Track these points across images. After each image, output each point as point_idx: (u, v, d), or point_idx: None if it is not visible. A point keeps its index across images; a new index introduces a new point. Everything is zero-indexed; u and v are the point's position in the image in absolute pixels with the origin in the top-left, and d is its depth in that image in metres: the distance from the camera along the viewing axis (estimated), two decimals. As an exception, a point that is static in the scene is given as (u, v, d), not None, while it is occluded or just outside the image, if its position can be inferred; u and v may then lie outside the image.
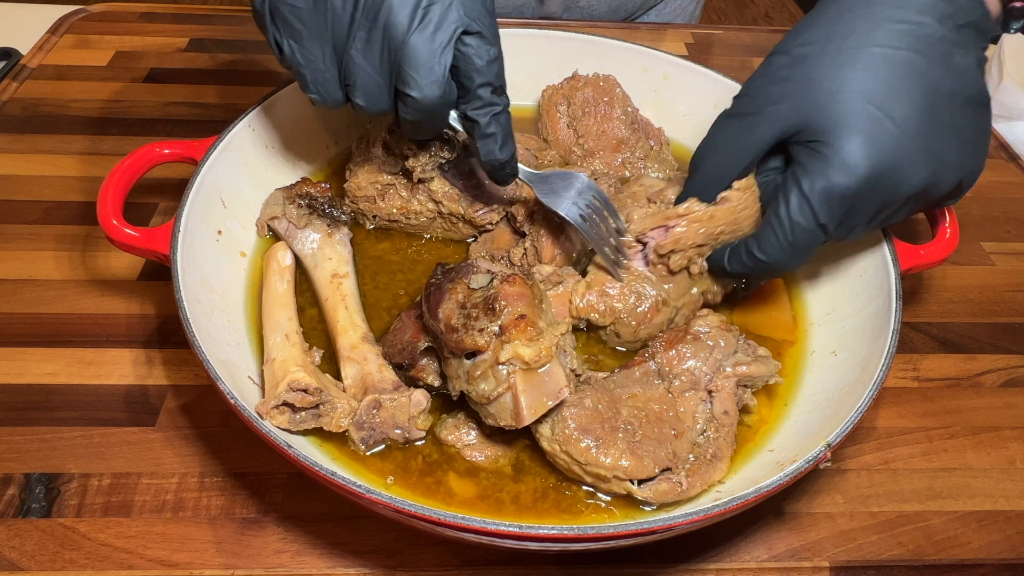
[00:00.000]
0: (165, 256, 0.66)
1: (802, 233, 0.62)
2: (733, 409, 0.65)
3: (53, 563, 0.60)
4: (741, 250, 0.66)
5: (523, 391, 0.58)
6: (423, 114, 0.64)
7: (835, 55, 0.61)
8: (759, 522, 0.66)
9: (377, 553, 0.62)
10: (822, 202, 0.60)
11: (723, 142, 0.65)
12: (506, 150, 0.68)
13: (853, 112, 0.59)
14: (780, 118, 0.62)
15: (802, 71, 0.61)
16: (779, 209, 0.62)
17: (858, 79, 0.60)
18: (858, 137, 0.59)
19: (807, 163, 0.61)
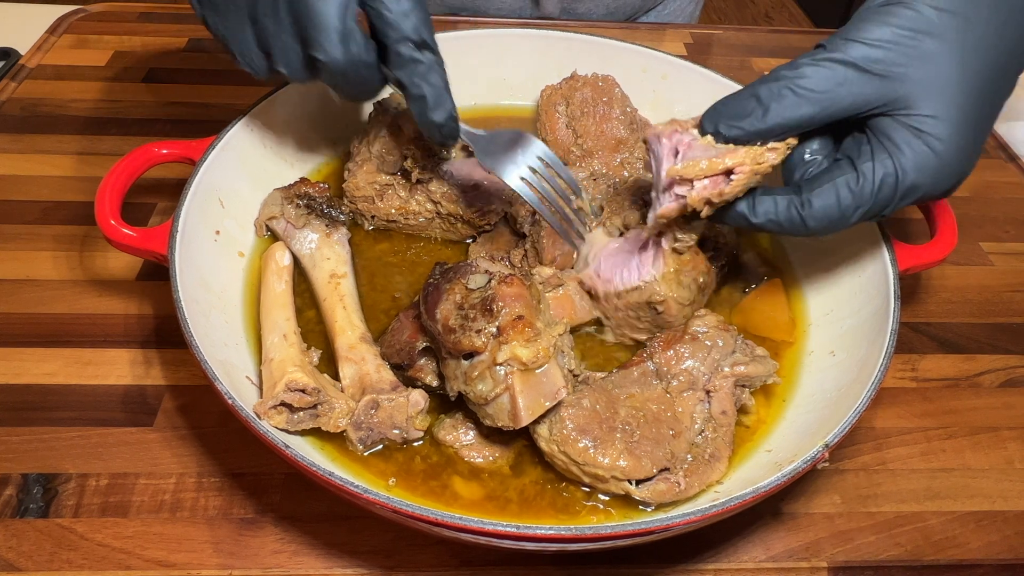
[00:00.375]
0: (163, 256, 0.66)
1: (865, 211, 0.58)
2: (731, 409, 0.65)
3: (50, 563, 0.60)
4: (781, 203, 0.59)
5: (520, 392, 0.58)
6: (339, 78, 0.62)
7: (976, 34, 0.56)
8: (757, 522, 0.66)
9: (375, 553, 0.62)
10: (906, 188, 0.56)
11: (818, 86, 0.56)
12: (439, 112, 0.63)
13: (966, 110, 0.56)
14: (895, 89, 0.55)
15: (937, 47, 0.55)
16: (855, 178, 0.57)
17: (982, 70, 0.56)
18: (963, 138, 0.56)
19: (902, 141, 0.56)
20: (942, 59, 0.54)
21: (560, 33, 0.98)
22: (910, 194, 0.57)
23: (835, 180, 0.58)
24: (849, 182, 0.57)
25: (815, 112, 0.56)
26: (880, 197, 0.57)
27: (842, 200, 0.57)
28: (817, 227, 0.59)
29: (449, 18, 1.22)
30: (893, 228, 0.73)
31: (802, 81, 0.56)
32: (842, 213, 0.58)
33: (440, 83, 0.63)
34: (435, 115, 0.63)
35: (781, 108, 0.56)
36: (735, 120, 0.58)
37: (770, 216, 0.60)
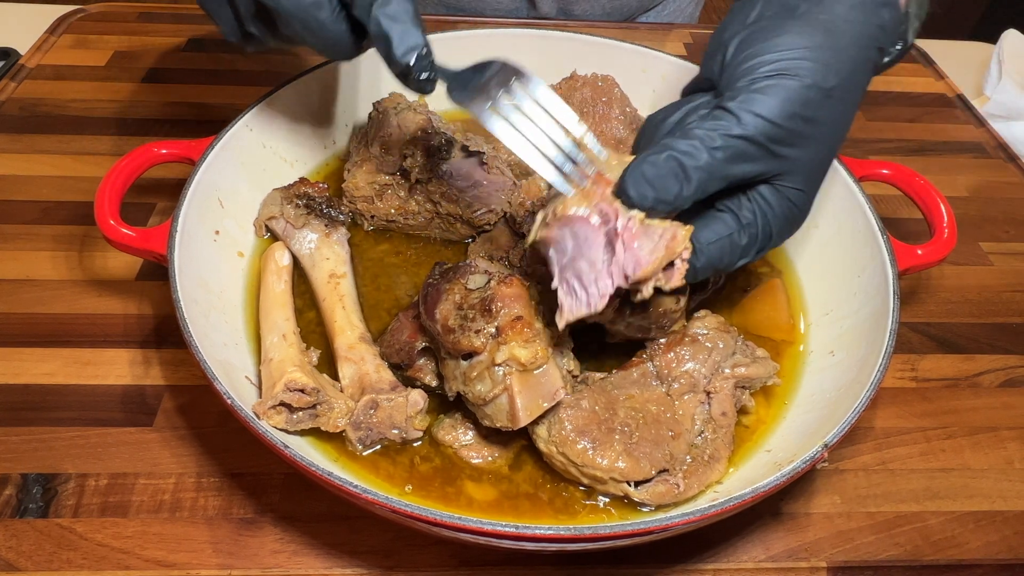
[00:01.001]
0: (162, 256, 0.66)
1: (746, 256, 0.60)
2: (731, 410, 0.65)
3: (50, 563, 0.60)
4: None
5: (519, 392, 0.58)
6: (295, 24, 0.59)
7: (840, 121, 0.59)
8: (756, 522, 0.66)
9: (374, 553, 0.62)
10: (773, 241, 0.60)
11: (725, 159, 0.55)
12: (405, 50, 0.56)
13: (819, 178, 0.60)
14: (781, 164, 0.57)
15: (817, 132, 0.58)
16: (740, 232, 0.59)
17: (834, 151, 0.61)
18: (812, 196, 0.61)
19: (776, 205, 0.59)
20: (818, 141, 0.57)
21: (560, 33, 0.98)
22: (772, 244, 0.60)
23: (727, 234, 0.58)
24: (735, 236, 0.58)
25: (722, 184, 0.56)
26: (755, 246, 0.59)
27: (732, 248, 0.58)
28: (703, 274, 0.58)
29: (449, 18, 1.22)
30: (893, 228, 0.73)
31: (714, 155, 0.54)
32: (728, 262, 0.59)
33: (405, 18, 0.56)
34: (400, 54, 0.56)
35: (702, 178, 0.54)
36: (664, 192, 0.54)
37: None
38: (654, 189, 0.53)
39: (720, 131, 0.54)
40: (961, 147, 1.08)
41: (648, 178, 0.54)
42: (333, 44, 0.61)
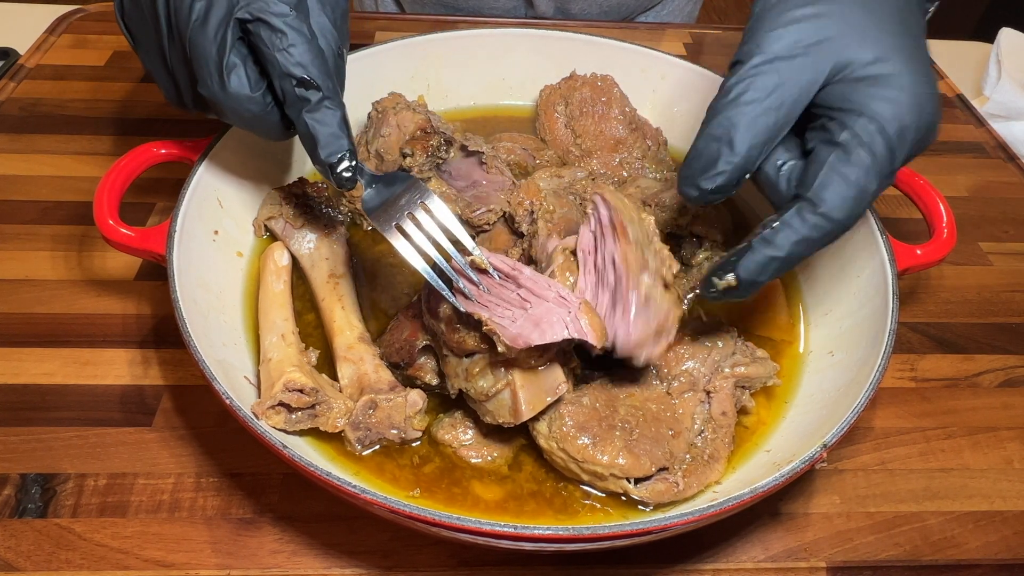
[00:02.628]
0: (161, 256, 0.66)
1: (876, 174, 0.53)
2: (731, 410, 0.65)
3: (49, 563, 0.60)
4: (796, 219, 0.54)
5: (522, 387, 0.58)
6: (229, 114, 0.62)
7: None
8: (755, 522, 0.66)
9: (373, 553, 0.62)
10: (897, 135, 0.53)
11: (761, 93, 0.54)
12: (328, 153, 0.59)
13: (900, 44, 0.54)
14: (827, 55, 0.54)
15: (834, 7, 0.55)
16: (843, 154, 0.53)
17: (889, 10, 0.56)
18: (915, 67, 0.54)
19: (863, 98, 0.53)
20: (846, 12, 0.54)
21: (559, 33, 0.98)
22: (903, 139, 0.53)
23: (826, 164, 0.53)
24: (840, 159, 0.53)
25: (776, 117, 0.54)
26: (878, 156, 0.53)
27: (849, 178, 0.53)
28: (842, 216, 0.53)
29: (448, 18, 1.22)
30: (892, 228, 0.72)
31: (744, 97, 0.54)
32: (858, 190, 0.53)
33: (331, 123, 0.59)
34: (324, 156, 0.59)
35: (744, 131, 0.54)
36: (708, 170, 0.56)
37: (793, 239, 0.54)
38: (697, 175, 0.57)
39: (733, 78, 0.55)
40: (960, 147, 1.08)
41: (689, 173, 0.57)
42: (264, 131, 0.64)
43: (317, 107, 0.59)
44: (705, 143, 0.56)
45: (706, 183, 0.56)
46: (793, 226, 0.54)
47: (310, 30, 0.59)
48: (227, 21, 0.58)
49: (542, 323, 0.56)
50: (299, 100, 0.59)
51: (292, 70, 0.58)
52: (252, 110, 0.61)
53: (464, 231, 0.61)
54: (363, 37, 1.19)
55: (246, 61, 0.60)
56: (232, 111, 0.61)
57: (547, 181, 0.82)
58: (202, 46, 0.59)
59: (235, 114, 0.62)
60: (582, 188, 0.81)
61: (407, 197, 0.62)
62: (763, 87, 0.54)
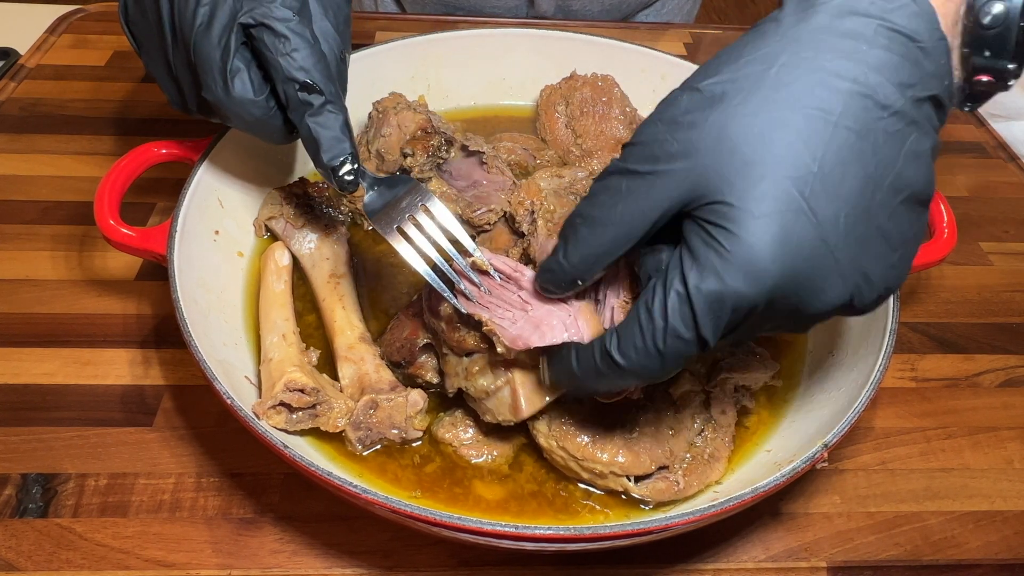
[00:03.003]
0: (162, 256, 0.66)
1: (673, 342, 0.45)
2: (731, 410, 0.65)
3: (50, 563, 0.60)
4: (592, 350, 0.49)
5: (521, 385, 0.58)
6: (233, 118, 0.62)
7: (761, 105, 0.43)
8: (756, 522, 0.66)
9: (373, 553, 0.62)
10: (707, 310, 0.43)
11: (608, 207, 0.47)
12: (331, 156, 0.59)
13: (772, 195, 0.42)
14: (681, 179, 0.44)
15: (716, 117, 0.44)
16: (652, 304, 0.45)
17: (786, 149, 0.42)
18: (771, 232, 0.42)
19: (699, 251, 0.43)
20: (716, 132, 0.44)
21: (559, 33, 0.98)
22: (713, 308, 0.43)
23: (637, 302, 0.47)
24: (646, 300, 0.46)
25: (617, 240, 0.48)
26: (676, 317, 0.44)
27: (643, 325, 0.46)
28: (627, 364, 0.47)
29: (448, 18, 1.22)
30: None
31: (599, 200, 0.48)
32: (647, 343, 0.45)
33: (334, 126, 0.59)
34: (327, 159, 0.59)
35: (578, 246, 0.49)
36: (545, 267, 0.53)
37: (588, 364, 0.50)
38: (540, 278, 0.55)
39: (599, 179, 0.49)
40: (961, 147, 1.08)
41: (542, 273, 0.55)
42: (268, 135, 0.64)
43: (320, 111, 0.59)
44: (561, 235, 0.51)
45: (539, 277, 0.55)
46: (594, 351, 0.49)
47: (313, 35, 0.60)
48: (231, 26, 0.59)
49: (542, 325, 0.56)
50: (302, 104, 0.59)
51: (295, 75, 0.58)
52: (255, 114, 0.61)
53: (464, 232, 0.61)
54: (363, 37, 1.19)
55: (250, 66, 0.60)
56: (236, 115, 0.62)
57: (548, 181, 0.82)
58: (206, 51, 0.59)
59: (238, 118, 0.62)
60: (583, 188, 0.81)
61: (408, 199, 0.63)
62: (607, 204, 0.48)
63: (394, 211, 0.62)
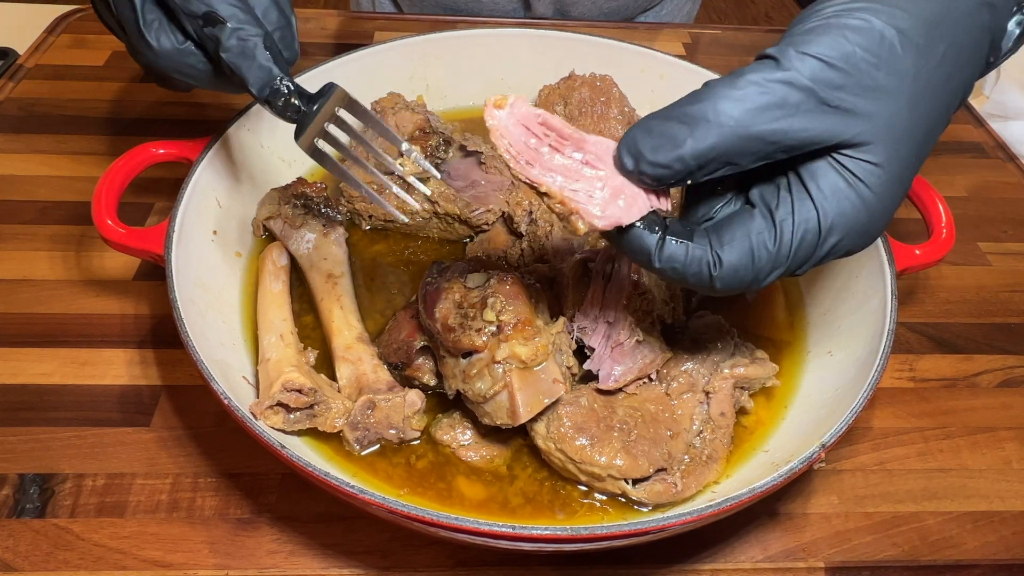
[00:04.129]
0: (160, 256, 0.66)
1: (777, 274, 0.48)
2: (730, 411, 0.65)
3: (47, 564, 0.60)
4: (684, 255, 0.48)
5: (519, 389, 0.58)
6: (178, 77, 0.59)
7: (928, 74, 0.45)
8: (754, 522, 0.66)
9: (371, 554, 0.62)
10: (828, 248, 0.46)
11: (772, 112, 0.44)
12: (259, 88, 0.55)
13: (905, 169, 0.46)
14: (852, 127, 0.44)
15: (893, 81, 0.44)
16: (770, 240, 0.46)
17: (928, 115, 0.46)
18: (893, 193, 0.46)
19: (832, 191, 0.45)
20: (896, 97, 0.45)
21: (558, 33, 0.98)
22: (833, 253, 0.47)
23: (750, 235, 0.47)
24: (766, 239, 0.46)
25: (760, 145, 0.44)
26: (797, 256, 0.47)
27: (757, 259, 0.47)
28: (723, 287, 0.48)
29: (447, 18, 1.22)
30: (891, 228, 0.72)
31: (750, 102, 0.44)
32: (755, 275, 0.47)
33: (251, 54, 0.55)
34: (257, 93, 0.56)
35: (723, 133, 0.44)
36: (657, 151, 0.45)
37: (675, 264, 0.47)
38: (648, 149, 0.45)
39: (753, 74, 0.44)
40: (960, 147, 1.08)
41: (637, 142, 0.46)
42: (210, 86, 0.61)
43: (230, 42, 0.54)
44: (674, 117, 0.45)
45: (646, 166, 0.46)
46: (686, 258, 0.47)
47: None
48: None
49: (626, 196, 0.47)
50: (211, 40, 0.55)
51: (192, 7, 0.54)
52: (189, 63, 0.58)
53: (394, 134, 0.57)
54: (362, 37, 1.19)
55: (163, 17, 0.57)
56: (172, 71, 0.58)
57: (546, 181, 0.82)
58: (122, 12, 0.57)
59: (178, 73, 0.59)
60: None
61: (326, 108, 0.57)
62: (773, 111, 0.44)
63: (317, 128, 0.57)
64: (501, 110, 0.48)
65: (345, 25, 1.22)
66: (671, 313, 0.67)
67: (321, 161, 0.56)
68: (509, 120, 0.48)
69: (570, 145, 0.48)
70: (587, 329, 0.64)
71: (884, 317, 0.66)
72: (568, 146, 0.48)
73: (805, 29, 0.45)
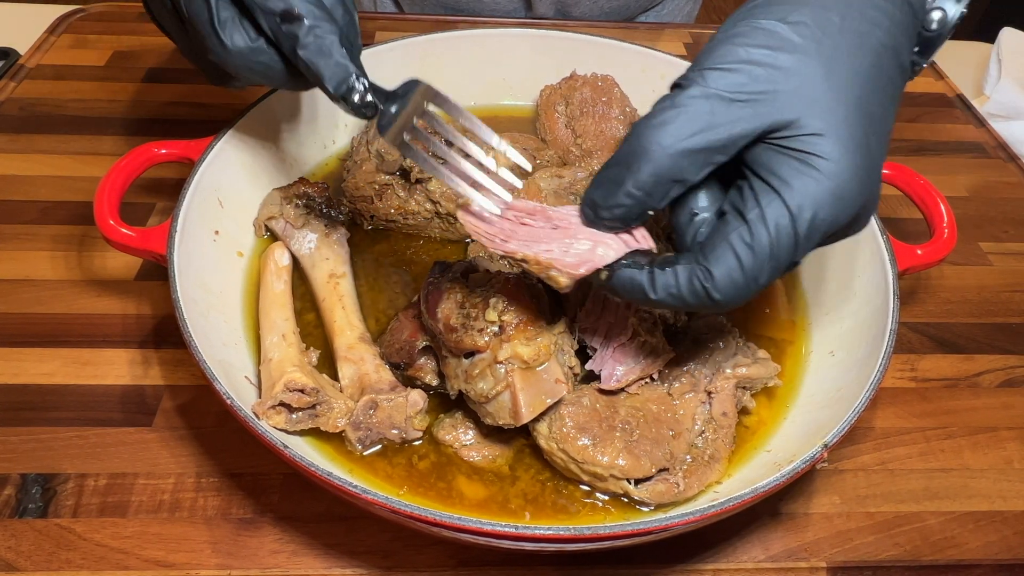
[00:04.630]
0: (162, 256, 0.66)
1: (773, 271, 0.48)
2: (732, 411, 0.65)
3: (49, 563, 0.60)
4: (675, 278, 0.49)
5: (522, 389, 0.58)
6: (246, 74, 0.59)
7: (833, 41, 0.48)
8: (756, 523, 0.66)
9: (373, 554, 0.62)
10: (807, 236, 0.47)
11: (690, 125, 0.47)
12: (335, 84, 0.55)
13: (853, 133, 0.47)
14: (769, 111, 0.47)
15: (796, 60, 0.47)
16: (751, 239, 0.47)
17: (852, 77, 0.48)
18: (856, 162, 0.47)
19: (792, 180, 0.47)
20: (805, 69, 0.47)
21: (559, 33, 0.98)
22: (813, 233, 0.47)
23: (729, 241, 0.48)
24: (743, 237, 0.48)
25: (693, 160, 0.48)
26: (781, 247, 0.47)
27: (743, 262, 0.48)
28: (724, 299, 0.49)
29: (448, 18, 1.22)
30: (892, 228, 0.73)
31: (668, 129, 0.47)
32: (748, 277, 0.48)
33: (329, 51, 0.55)
34: (333, 90, 0.56)
35: (652, 164, 0.47)
36: (608, 196, 0.49)
37: (671, 291, 0.49)
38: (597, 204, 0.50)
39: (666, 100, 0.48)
40: (961, 147, 1.08)
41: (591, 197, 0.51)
42: (281, 83, 0.61)
43: (307, 39, 0.55)
44: (614, 163, 0.49)
45: (603, 212, 0.50)
46: (678, 281, 0.49)
47: None
48: None
49: (600, 244, 0.51)
50: (288, 37, 0.55)
51: (269, 5, 0.54)
52: (263, 61, 0.58)
53: (480, 123, 0.56)
54: (363, 37, 1.18)
55: (237, 15, 0.58)
56: (244, 69, 0.59)
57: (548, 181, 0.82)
58: (194, 10, 0.57)
59: (250, 71, 0.59)
60: (582, 188, 0.82)
61: (409, 103, 0.57)
62: (691, 123, 0.47)
63: (404, 123, 0.56)
64: (470, 207, 0.54)
65: (346, 25, 1.22)
66: (673, 313, 0.68)
67: (410, 154, 0.56)
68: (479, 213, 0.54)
69: (538, 217, 0.54)
70: (589, 329, 0.64)
71: (886, 317, 0.66)
72: (536, 218, 0.54)
73: (700, 53, 0.49)
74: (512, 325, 0.58)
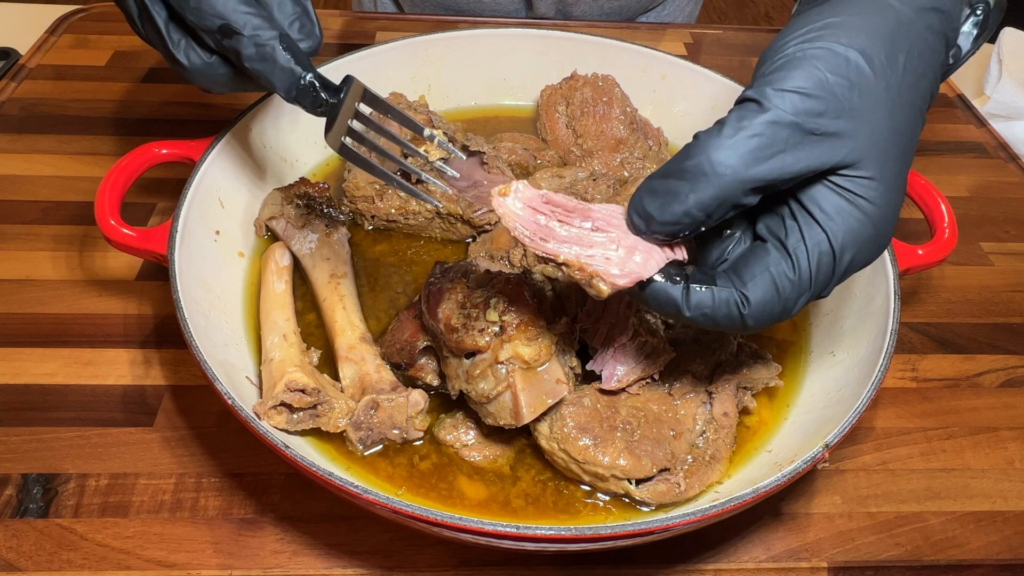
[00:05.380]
0: (163, 256, 0.66)
1: (806, 300, 0.49)
2: (733, 411, 0.65)
3: (50, 563, 0.60)
4: (711, 300, 0.48)
5: (522, 389, 0.58)
6: (214, 86, 0.60)
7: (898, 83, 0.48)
8: (757, 523, 0.66)
9: (374, 554, 0.62)
10: (845, 271, 0.48)
11: (765, 152, 0.45)
12: (286, 90, 0.56)
13: (898, 178, 0.48)
14: (839, 151, 0.46)
15: (866, 100, 0.46)
16: (792, 272, 0.48)
17: (905, 126, 0.48)
18: (894, 204, 0.48)
19: (835, 212, 0.47)
20: (875, 115, 0.47)
21: (560, 33, 0.98)
22: (850, 270, 0.49)
23: (769, 268, 0.48)
24: (785, 270, 0.48)
25: (760, 187, 0.46)
26: (819, 281, 0.48)
27: (782, 292, 0.48)
28: (756, 325, 0.49)
29: (449, 18, 1.22)
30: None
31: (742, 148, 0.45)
32: (783, 306, 0.48)
33: (272, 57, 0.55)
34: (286, 95, 0.57)
35: (717, 188, 0.45)
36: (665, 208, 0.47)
37: (704, 311, 0.49)
38: (655, 209, 0.47)
39: (740, 120, 0.45)
40: (962, 147, 1.08)
41: (643, 204, 0.48)
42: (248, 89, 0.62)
43: (248, 49, 0.55)
44: (672, 174, 0.47)
45: (656, 226, 0.48)
46: (714, 303, 0.48)
47: None
48: (151, 2, 0.57)
49: (640, 252, 0.49)
50: (232, 52, 0.56)
51: (207, 23, 0.54)
52: (222, 75, 0.59)
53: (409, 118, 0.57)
54: (363, 37, 1.19)
55: (187, 35, 0.58)
56: (208, 83, 0.60)
57: (548, 181, 0.82)
58: (148, 35, 0.58)
59: (214, 84, 0.60)
60: (583, 188, 0.82)
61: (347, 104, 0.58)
62: (766, 150, 0.45)
63: (341, 126, 0.58)
64: (506, 197, 0.50)
65: (347, 25, 1.22)
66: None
67: (352, 159, 0.57)
68: (515, 205, 0.50)
69: (577, 216, 0.50)
70: (590, 329, 0.64)
71: (887, 317, 0.66)
72: (575, 217, 0.50)
73: (775, 66, 0.47)
74: (513, 325, 0.58)
